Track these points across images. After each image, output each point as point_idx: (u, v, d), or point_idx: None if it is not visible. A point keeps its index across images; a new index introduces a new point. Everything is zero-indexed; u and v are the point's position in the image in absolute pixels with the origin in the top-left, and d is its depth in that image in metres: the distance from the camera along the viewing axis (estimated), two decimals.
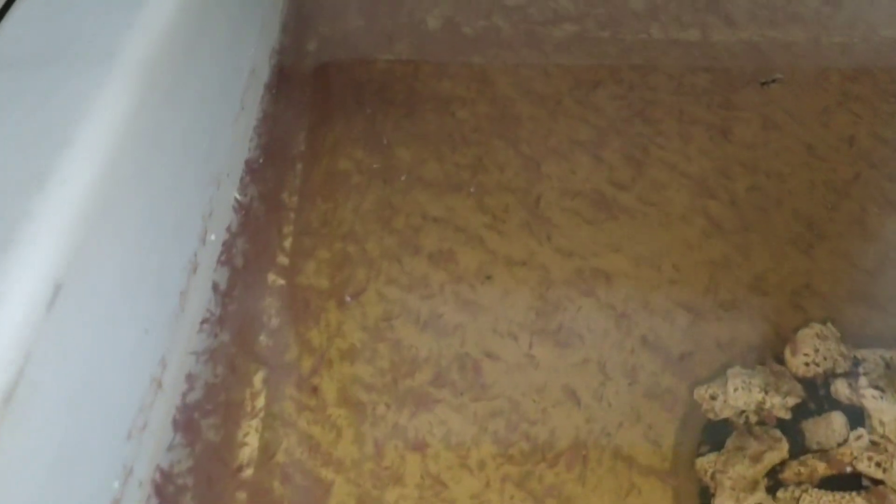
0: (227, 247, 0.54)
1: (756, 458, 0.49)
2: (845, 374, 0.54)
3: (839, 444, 0.50)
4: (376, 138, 0.68)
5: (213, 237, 0.52)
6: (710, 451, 0.50)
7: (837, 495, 0.47)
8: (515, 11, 0.81)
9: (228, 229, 0.55)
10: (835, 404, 0.52)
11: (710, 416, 0.52)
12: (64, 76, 0.40)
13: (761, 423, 0.52)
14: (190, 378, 0.46)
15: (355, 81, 0.73)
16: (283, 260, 0.57)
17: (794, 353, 0.55)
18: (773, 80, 0.75)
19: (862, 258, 0.63)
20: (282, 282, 0.56)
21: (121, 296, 0.40)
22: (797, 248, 0.63)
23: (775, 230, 0.64)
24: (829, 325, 0.58)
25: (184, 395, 0.45)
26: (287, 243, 0.59)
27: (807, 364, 0.54)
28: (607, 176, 0.66)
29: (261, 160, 0.62)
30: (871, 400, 0.51)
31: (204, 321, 0.49)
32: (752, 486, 0.48)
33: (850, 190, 0.67)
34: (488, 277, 0.60)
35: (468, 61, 0.76)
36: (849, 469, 0.49)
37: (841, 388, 0.53)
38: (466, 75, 0.74)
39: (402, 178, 0.65)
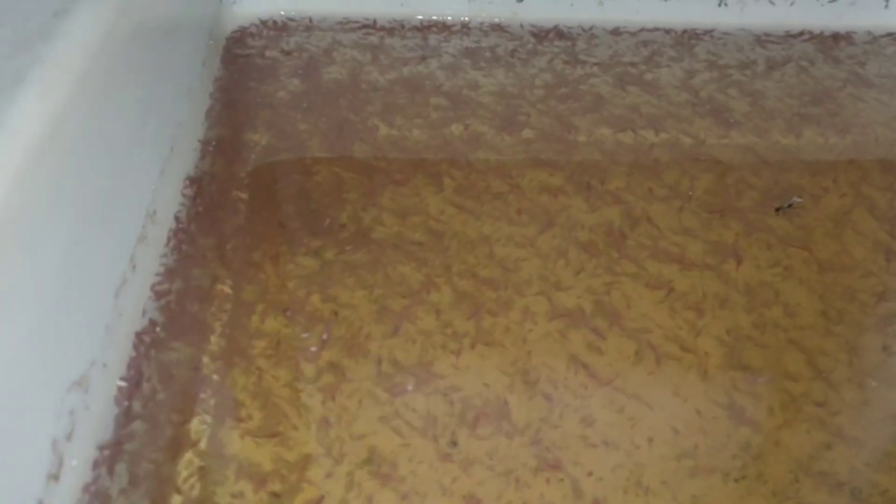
0: (100, 467, 0.41)
1: None
2: None
3: None
4: (316, 283, 0.55)
5: (74, 462, 0.38)
6: None
7: None
8: (477, 117, 0.69)
9: (102, 443, 0.41)
10: None
11: None
12: None
13: None
14: None
15: (292, 209, 0.61)
16: (189, 485, 0.44)
17: None
18: (790, 205, 0.63)
19: (891, 408, 0.51)
20: None
21: None
22: (812, 400, 0.50)
23: (785, 377, 0.51)
24: None
25: None
26: (194, 456, 0.45)
27: None
28: (582, 310, 0.54)
29: (158, 328, 0.48)
30: None
31: None
32: None
33: (869, 320, 0.55)
34: (455, 444, 0.47)
35: (424, 168, 0.63)
36: None
37: None
38: (423, 188, 0.62)
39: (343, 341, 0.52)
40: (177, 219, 0.54)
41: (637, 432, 0.49)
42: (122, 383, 0.44)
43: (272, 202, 0.61)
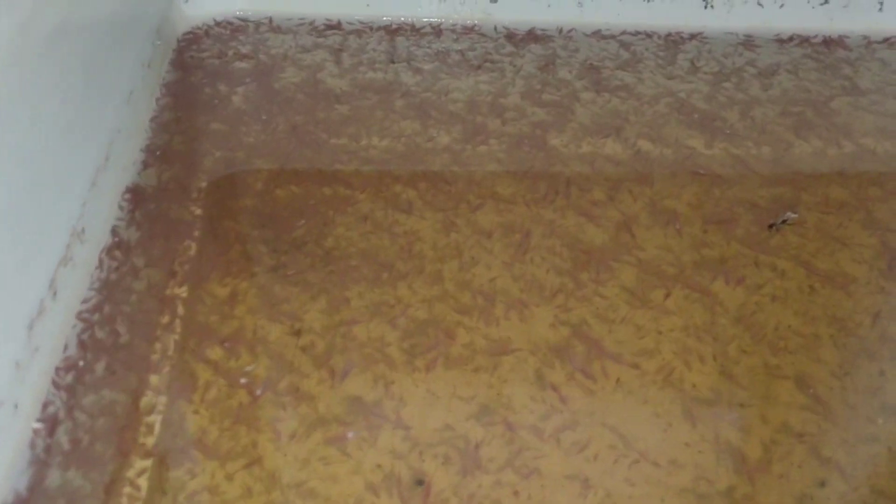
0: None
1: None
2: None
3: None
4: (272, 306, 0.50)
5: None
6: None
7: None
8: (447, 126, 0.64)
9: (12, 496, 0.36)
10: None
11: None
12: None
13: None
14: None
15: (247, 225, 0.56)
16: None
17: None
18: (784, 221, 0.59)
19: (890, 438, 0.46)
20: None
21: None
22: (805, 432, 0.46)
23: (776, 407, 0.47)
24: None
25: None
26: None
27: None
28: (557, 335, 0.49)
29: (83, 363, 0.43)
30: None
31: None
32: None
33: (866, 343, 0.51)
34: (420, 483, 0.43)
35: (390, 181, 0.59)
36: None
37: None
38: (389, 202, 0.57)
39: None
40: (114, 234, 0.49)
41: (618, 469, 0.44)
42: (38, 425, 0.39)
43: (224, 217, 0.56)
